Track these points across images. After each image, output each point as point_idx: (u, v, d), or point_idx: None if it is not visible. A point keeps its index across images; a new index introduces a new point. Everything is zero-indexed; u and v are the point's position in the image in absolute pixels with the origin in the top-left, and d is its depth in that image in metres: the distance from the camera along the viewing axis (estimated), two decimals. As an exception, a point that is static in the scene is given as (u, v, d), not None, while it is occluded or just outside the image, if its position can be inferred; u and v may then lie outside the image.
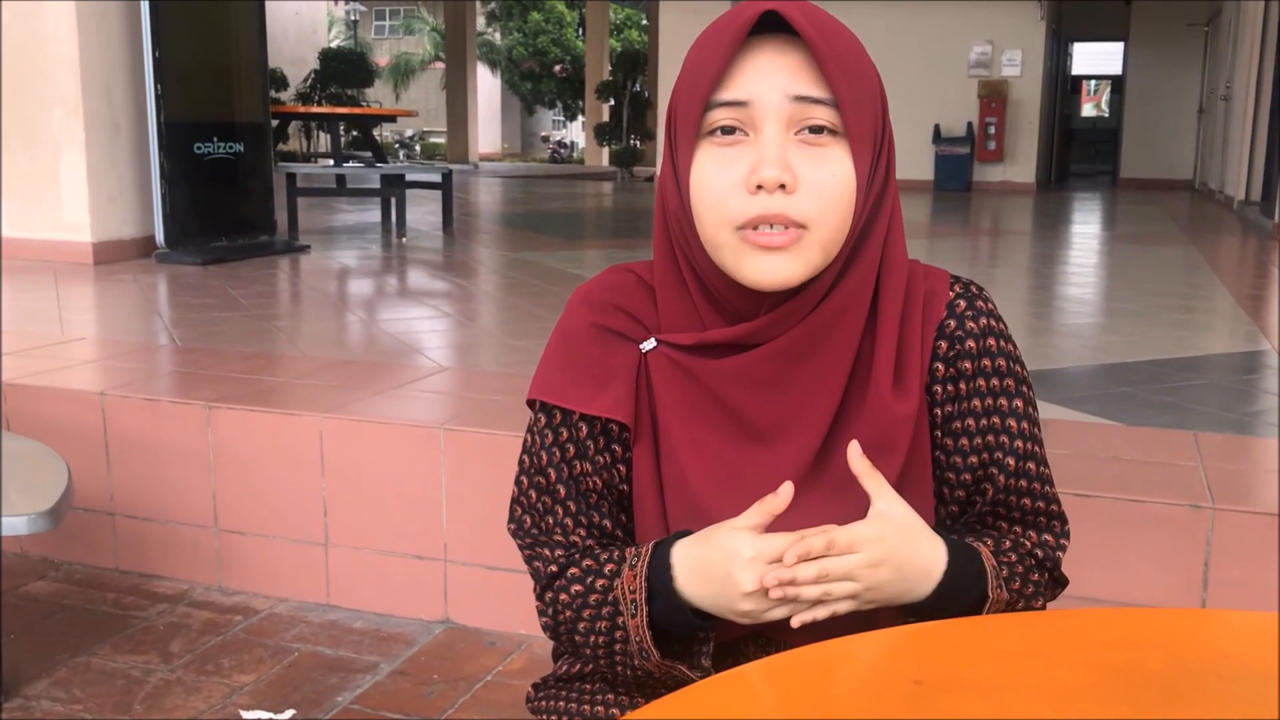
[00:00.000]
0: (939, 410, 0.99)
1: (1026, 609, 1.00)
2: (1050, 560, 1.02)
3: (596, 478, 0.99)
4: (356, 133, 13.14)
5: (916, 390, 0.96)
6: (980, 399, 0.99)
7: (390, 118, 12.54)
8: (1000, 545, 1.00)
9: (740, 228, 0.88)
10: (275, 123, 7.18)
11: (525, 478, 1.01)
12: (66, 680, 2.16)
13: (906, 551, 0.90)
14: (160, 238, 5.31)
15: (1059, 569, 1.03)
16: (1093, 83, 23.91)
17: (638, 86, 16.63)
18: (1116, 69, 18.84)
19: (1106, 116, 22.77)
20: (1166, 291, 5.11)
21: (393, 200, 7.24)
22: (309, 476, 2.50)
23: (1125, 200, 12.63)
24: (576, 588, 0.97)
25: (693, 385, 0.97)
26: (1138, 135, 16.71)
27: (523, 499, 1.01)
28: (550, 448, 0.99)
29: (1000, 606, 0.96)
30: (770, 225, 0.88)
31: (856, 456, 0.90)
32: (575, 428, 0.98)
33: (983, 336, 0.98)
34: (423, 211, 8.32)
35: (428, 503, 2.41)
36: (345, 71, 16.95)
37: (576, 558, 0.98)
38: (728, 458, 0.96)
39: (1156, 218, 9.87)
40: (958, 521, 1.03)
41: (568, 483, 0.99)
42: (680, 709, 0.70)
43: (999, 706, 0.70)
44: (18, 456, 2.20)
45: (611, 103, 17.22)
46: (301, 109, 11.55)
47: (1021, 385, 1.00)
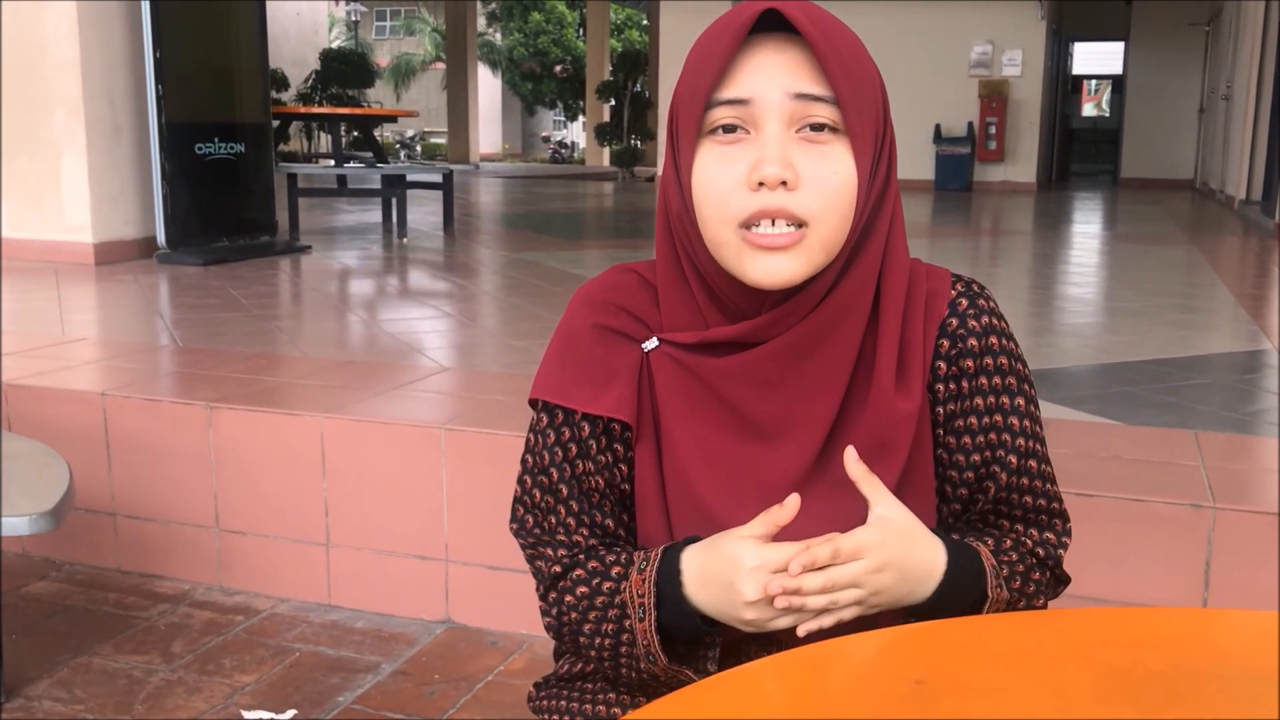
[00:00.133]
0: (941, 409, 0.99)
1: (1028, 608, 1.00)
2: (1052, 558, 1.02)
3: (599, 477, 0.99)
4: (357, 133, 13.14)
5: (919, 389, 0.96)
6: (982, 397, 0.99)
7: (391, 118, 12.55)
8: (1001, 544, 1.00)
9: (742, 224, 0.89)
10: (276, 123, 7.18)
11: (528, 477, 1.01)
12: (68, 680, 2.16)
13: (908, 554, 0.90)
14: (161, 238, 5.31)
15: (1060, 567, 1.03)
16: (1093, 82, 23.91)
17: (638, 87, 16.63)
18: (1117, 69, 18.84)
19: (1107, 116, 22.76)
20: (1167, 291, 5.11)
21: (394, 201, 7.24)
22: (310, 477, 2.50)
23: (1126, 200, 12.63)
24: (582, 589, 0.97)
25: (695, 384, 0.97)
26: (1138, 135, 16.71)
27: (525, 498, 1.01)
28: (553, 447, 0.99)
29: (1001, 605, 0.96)
30: (772, 222, 0.88)
31: (853, 462, 0.90)
32: (577, 427, 0.98)
33: (985, 335, 0.98)
34: (424, 212, 8.32)
35: (429, 503, 2.41)
36: (346, 72, 16.95)
37: (581, 558, 0.98)
38: (730, 456, 0.96)
39: (1157, 217, 9.86)
40: (959, 520, 1.03)
41: (570, 482, 0.99)
42: (682, 708, 0.70)
43: (1000, 706, 0.70)
44: (19, 457, 2.20)
45: (612, 103, 17.21)
46: (302, 109, 11.54)
47: (1023, 384, 1.00)
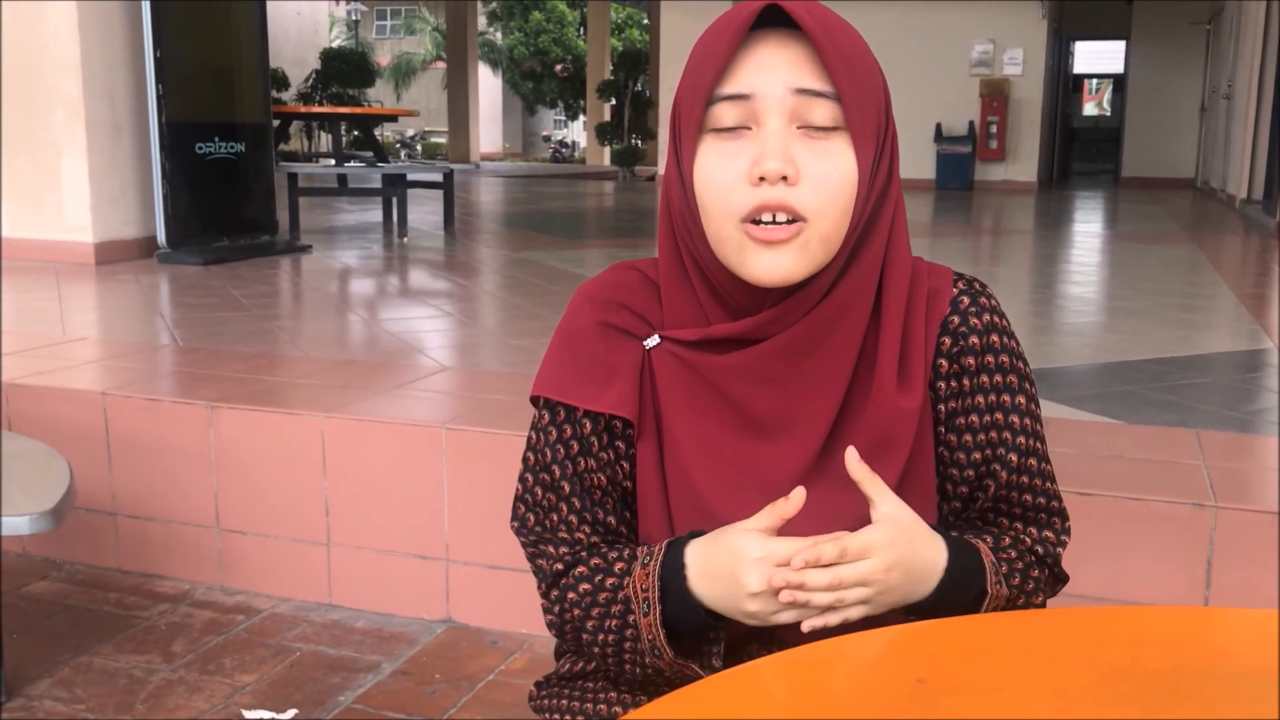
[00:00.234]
0: (942, 406, 0.99)
1: (1027, 605, 1.00)
2: (1050, 556, 1.02)
3: (601, 474, 0.99)
4: (358, 133, 13.13)
5: (920, 386, 0.97)
6: (984, 395, 0.99)
7: (391, 117, 12.55)
8: (1000, 542, 1.00)
9: (743, 220, 0.89)
10: (277, 123, 7.18)
11: (529, 475, 1.01)
12: (69, 680, 2.16)
13: (913, 553, 0.90)
14: (162, 238, 5.31)
15: (1059, 565, 1.03)
16: (1094, 81, 23.90)
17: (639, 86, 16.62)
18: (1118, 68, 18.83)
19: (1108, 115, 22.75)
20: (1168, 290, 5.11)
21: (394, 200, 7.24)
22: (311, 476, 2.50)
23: (1127, 199, 12.62)
24: (585, 586, 0.97)
25: (697, 381, 0.97)
26: (1139, 134, 16.69)
27: (527, 496, 1.01)
28: (554, 444, 0.99)
29: (1000, 602, 0.96)
30: (773, 216, 0.88)
31: (855, 462, 0.90)
32: (579, 424, 0.98)
33: (986, 333, 0.99)
34: (424, 211, 8.32)
35: (429, 502, 2.41)
36: (346, 71, 16.93)
37: (583, 555, 0.98)
38: (732, 453, 0.96)
39: (1158, 216, 9.86)
40: (959, 517, 1.03)
41: (572, 479, 0.99)
42: (684, 707, 0.70)
43: (1002, 705, 0.70)
44: (19, 456, 2.20)
45: (613, 102, 17.21)
46: (303, 109, 11.54)
47: (1024, 382, 1.00)
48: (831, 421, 0.96)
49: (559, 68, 30.97)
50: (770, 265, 0.89)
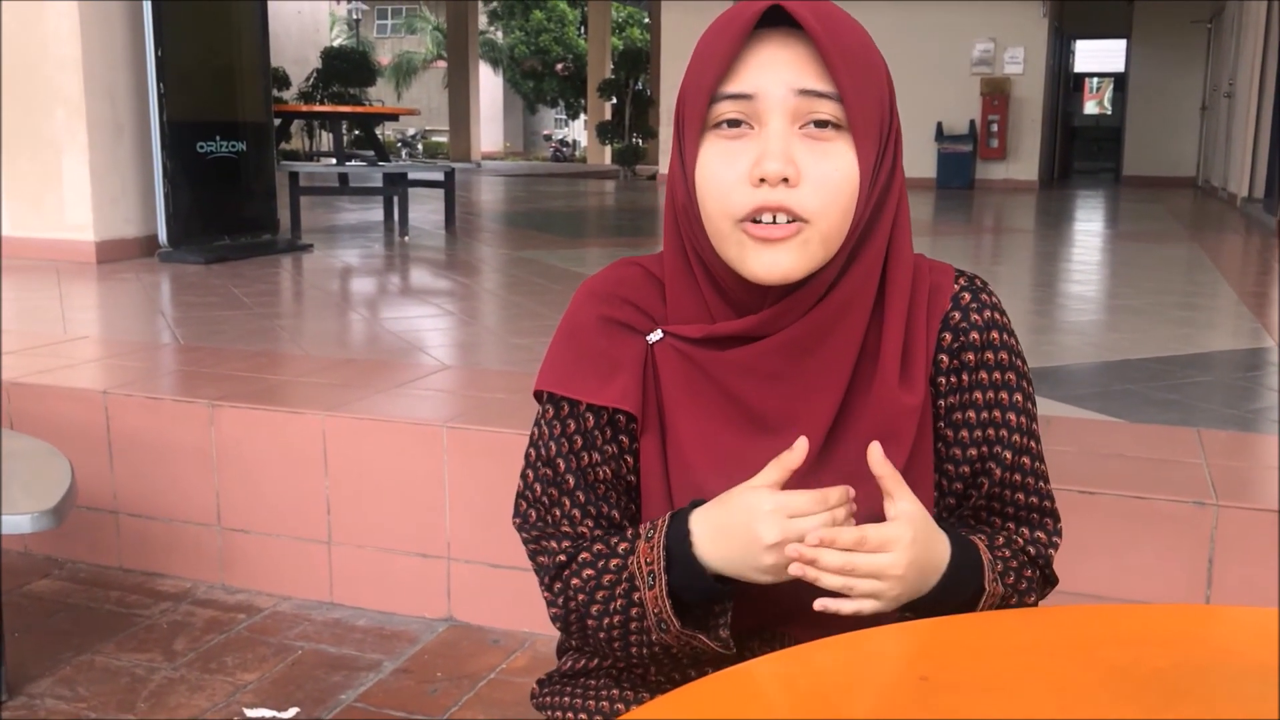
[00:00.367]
0: (941, 401, 1.00)
1: (1020, 604, 1.00)
2: (1042, 558, 1.02)
3: (606, 467, 0.99)
4: (359, 131, 13.12)
5: (922, 382, 0.97)
6: (981, 391, 0.99)
7: (392, 116, 12.54)
8: (994, 540, 1.00)
9: (742, 220, 0.89)
10: (278, 122, 7.17)
11: (532, 470, 1.01)
12: (70, 678, 2.17)
13: (927, 551, 0.90)
14: (163, 237, 5.31)
15: (1050, 567, 1.03)
16: (1095, 80, 23.87)
17: (640, 85, 16.61)
18: (1119, 66, 18.82)
19: (1109, 114, 22.73)
20: (1170, 289, 5.11)
21: (395, 199, 7.24)
22: (312, 475, 2.50)
23: (1128, 198, 12.62)
24: (588, 572, 0.97)
25: (699, 377, 0.97)
26: (1140, 132, 16.68)
27: (528, 492, 1.01)
28: (559, 438, 0.99)
29: (995, 600, 0.96)
30: (773, 217, 0.88)
31: (878, 459, 0.89)
32: (583, 418, 0.98)
33: (986, 329, 0.99)
34: (425, 210, 8.32)
35: (431, 501, 2.41)
36: (347, 70, 16.92)
37: (586, 545, 0.98)
38: (734, 449, 0.96)
39: (1159, 215, 9.86)
40: (953, 514, 1.03)
41: (577, 473, 0.99)
42: (685, 705, 0.70)
43: (1004, 703, 0.70)
44: (21, 455, 2.20)
45: (614, 101, 17.20)
46: (304, 108, 11.53)
47: (1022, 380, 1.01)
48: (833, 417, 0.96)
49: (560, 67, 30.96)
50: (769, 263, 0.89)
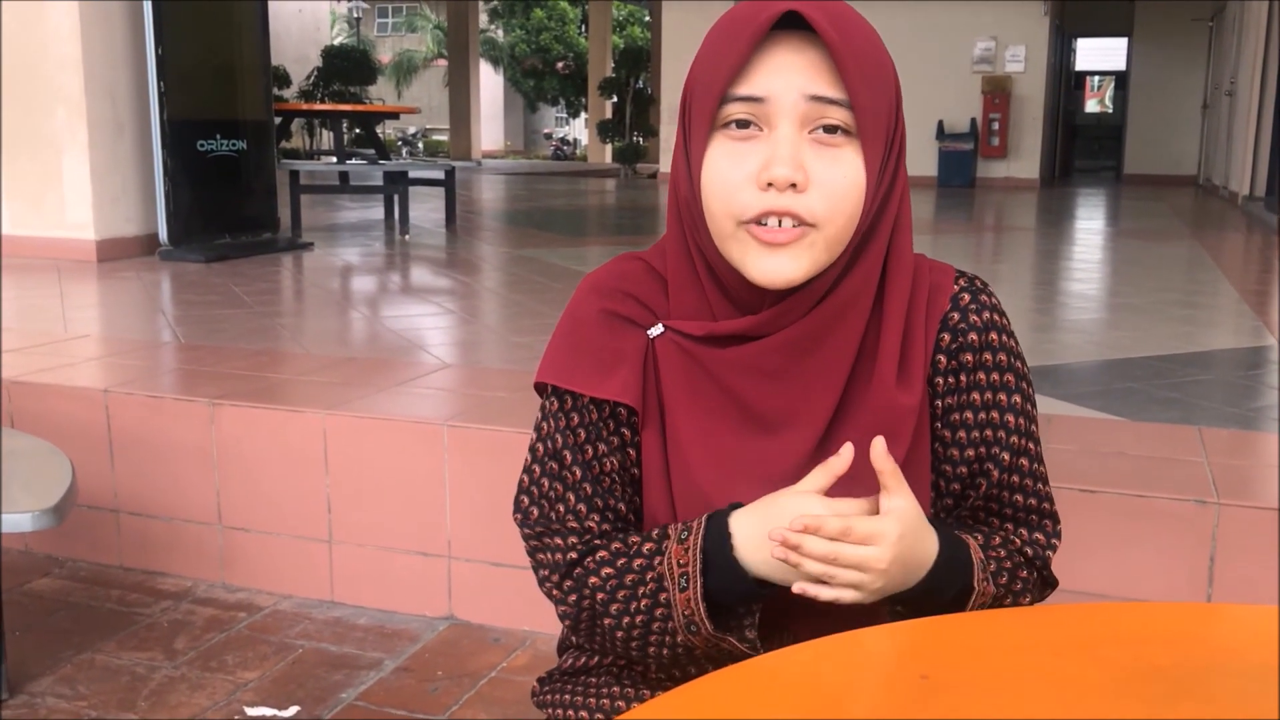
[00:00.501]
0: (940, 402, 1.00)
1: (1014, 605, 1.00)
2: (1040, 559, 1.02)
3: (612, 459, 0.98)
4: (359, 130, 13.12)
5: (920, 382, 0.97)
6: (980, 392, 0.99)
7: (393, 115, 12.54)
8: (990, 540, 1.00)
9: (746, 222, 0.89)
10: (278, 120, 7.15)
11: (538, 465, 1.00)
12: (71, 677, 2.17)
13: (914, 547, 0.90)
14: (163, 235, 5.31)
15: (1048, 568, 1.03)
16: (1096, 78, 23.86)
17: (640, 83, 16.61)
18: (1120, 64, 18.81)
19: (1110, 112, 22.72)
20: (1171, 287, 5.11)
21: (396, 197, 7.23)
22: (313, 473, 2.50)
23: (1129, 196, 12.61)
24: (607, 570, 0.96)
25: (699, 372, 0.97)
26: (1142, 131, 16.68)
27: (533, 488, 1.00)
28: (564, 431, 0.99)
29: (986, 600, 0.96)
30: (779, 221, 0.88)
31: (881, 454, 0.88)
32: (587, 411, 0.98)
33: (985, 330, 0.99)
34: (426, 209, 8.32)
35: (431, 499, 2.41)
36: (348, 69, 16.90)
37: (597, 543, 0.97)
38: (731, 446, 0.96)
39: (1160, 213, 9.85)
40: (951, 515, 1.03)
41: (583, 465, 0.98)
42: (686, 702, 0.70)
43: (1005, 701, 0.69)
44: (21, 454, 2.20)
45: (614, 100, 17.20)
46: (304, 106, 11.51)
47: (1021, 381, 1.00)
48: (830, 416, 0.96)
49: (560, 65, 30.95)
50: (773, 268, 0.89)
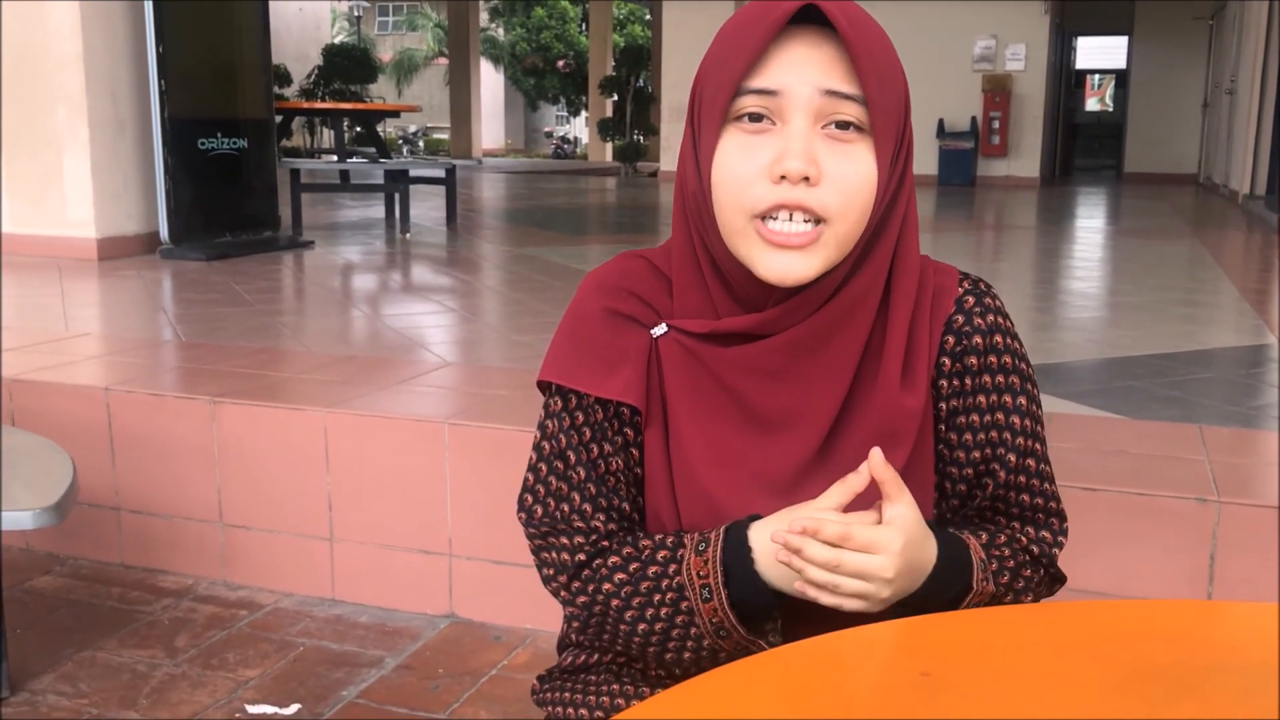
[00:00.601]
0: (944, 404, 1.00)
1: (1015, 603, 1.00)
2: (1046, 556, 1.02)
3: (616, 459, 0.98)
4: (360, 128, 13.11)
5: (924, 385, 0.97)
6: (985, 395, 0.99)
7: (394, 113, 12.53)
8: (995, 539, 1.01)
9: (757, 215, 0.89)
10: (279, 118, 7.15)
11: (543, 464, 1.00)
12: (72, 675, 2.17)
13: (917, 554, 0.90)
14: (164, 234, 5.31)
15: (1055, 565, 1.04)
16: (1097, 77, 23.83)
17: (641, 82, 16.60)
18: (1121, 63, 18.79)
19: (1111, 111, 22.69)
20: (1171, 286, 5.11)
21: (396, 196, 7.23)
22: (314, 471, 2.50)
23: (1130, 195, 12.60)
24: (620, 576, 0.96)
25: (702, 372, 0.97)
26: (1142, 129, 16.67)
27: (538, 486, 1.00)
28: (568, 430, 0.98)
29: (984, 599, 0.97)
30: (790, 215, 0.88)
31: (880, 463, 0.88)
32: (591, 410, 0.98)
33: (990, 333, 0.99)
34: (426, 207, 8.32)
35: (432, 497, 2.41)
36: (348, 67, 16.88)
37: (606, 545, 0.97)
38: (734, 446, 0.96)
39: (1161, 212, 9.85)
40: (958, 514, 1.04)
41: (588, 465, 0.98)
42: (687, 700, 0.70)
43: (1006, 699, 0.70)
44: (22, 452, 2.20)
45: (615, 98, 17.18)
46: (305, 105, 11.49)
47: (1026, 383, 1.01)
48: (833, 417, 0.96)
49: (561, 64, 30.93)
50: (783, 267, 0.89)
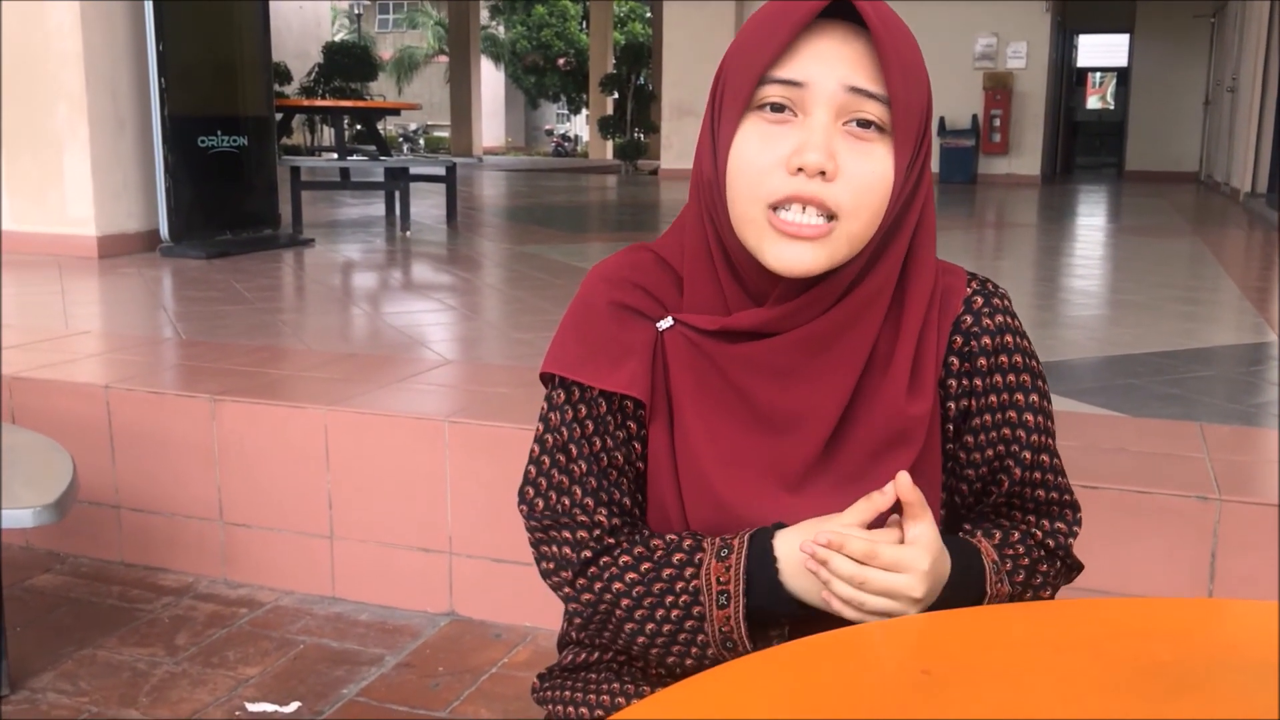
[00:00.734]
0: (953, 404, 1.00)
1: (1034, 599, 1.00)
2: (1062, 548, 1.03)
3: (618, 453, 0.98)
4: (360, 126, 13.11)
5: (931, 388, 0.97)
6: (995, 395, 0.99)
7: (394, 111, 12.55)
8: (1009, 537, 1.01)
9: (771, 205, 0.88)
10: (279, 116, 7.15)
11: (546, 456, 0.99)
12: (72, 673, 2.17)
13: (939, 571, 0.91)
14: (165, 231, 5.31)
15: (1071, 555, 1.05)
16: (1098, 75, 23.82)
17: (641, 80, 16.59)
18: (1122, 61, 18.79)
19: (1112, 109, 22.68)
20: (1172, 283, 5.11)
21: (396, 194, 7.23)
22: (314, 469, 2.50)
23: (1130, 193, 12.60)
24: (631, 575, 0.95)
25: (708, 367, 0.96)
26: (1143, 127, 16.67)
27: (540, 479, 1.00)
28: (570, 423, 0.98)
29: (1001, 599, 0.97)
30: (803, 208, 0.88)
31: (908, 486, 0.89)
32: (595, 403, 0.98)
33: (999, 334, 0.99)
34: (427, 205, 8.32)
35: (432, 495, 2.41)
36: (349, 65, 16.88)
37: (612, 542, 0.97)
38: (739, 443, 0.96)
39: (1162, 210, 9.85)
40: (972, 511, 1.04)
41: (590, 458, 0.98)
42: (687, 698, 0.70)
43: (1007, 696, 0.69)
44: (23, 450, 2.20)
45: (615, 96, 17.18)
46: (305, 102, 11.48)
47: (1037, 380, 1.01)
48: (838, 418, 0.96)
49: (561, 61, 30.94)
50: (792, 257, 0.89)
